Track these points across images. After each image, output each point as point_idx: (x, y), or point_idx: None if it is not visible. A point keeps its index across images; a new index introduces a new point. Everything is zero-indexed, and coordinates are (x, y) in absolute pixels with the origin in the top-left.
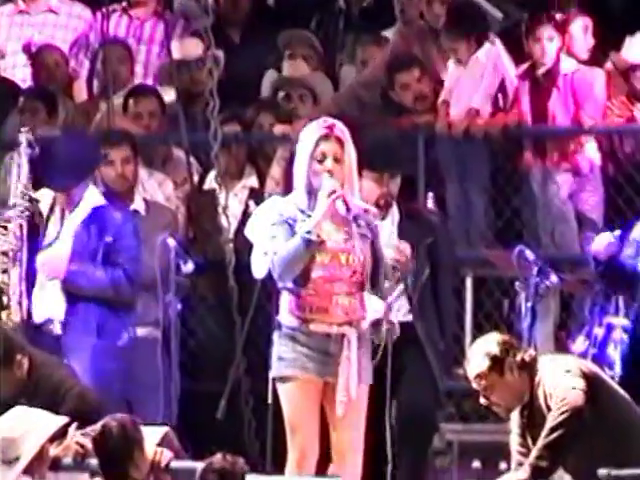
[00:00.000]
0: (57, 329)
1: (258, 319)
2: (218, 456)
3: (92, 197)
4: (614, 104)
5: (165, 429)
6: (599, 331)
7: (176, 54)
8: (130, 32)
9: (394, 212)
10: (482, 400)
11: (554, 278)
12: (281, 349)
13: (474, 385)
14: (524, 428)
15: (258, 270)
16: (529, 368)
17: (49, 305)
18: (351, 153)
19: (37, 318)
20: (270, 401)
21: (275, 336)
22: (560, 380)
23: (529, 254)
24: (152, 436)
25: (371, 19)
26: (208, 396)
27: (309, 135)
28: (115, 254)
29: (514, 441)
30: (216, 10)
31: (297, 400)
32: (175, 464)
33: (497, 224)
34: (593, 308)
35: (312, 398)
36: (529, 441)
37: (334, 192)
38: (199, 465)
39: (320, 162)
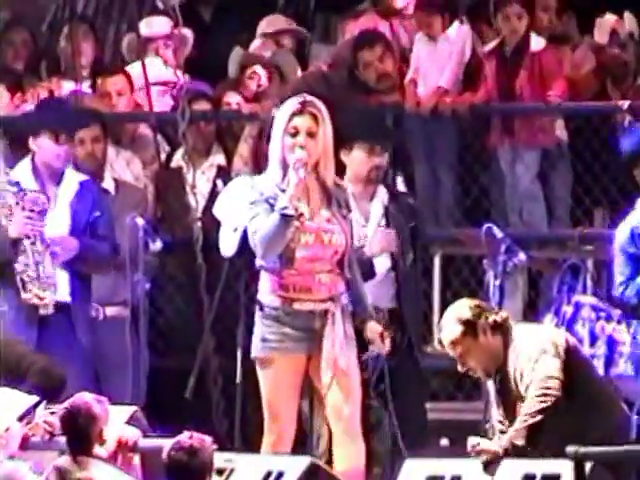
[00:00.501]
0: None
1: (227, 297)
2: (186, 434)
3: (72, 173)
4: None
5: (133, 408)
6: (567, 309)
7: (144, 31)
8: (99, 10)
9: (382, 193)
10: (460, 367)
11: (522, 256)
12: (264, 330)
13: (450, 352)
14: (498, 396)
15: (226, 248)
16: (502, 329)
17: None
18: (327, 129)
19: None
20: (239, 380)
21: (257, 317)
22: (538, 364)
23: (497, 232)
24: (120, 415)
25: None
26: (177, 375)
27: (284, 111)
28: (102, 228)
29: (494, 413)
30: None
31: (278, 382)
32: (143, 442)
33: (465, 202)
34: (561, 286)
35: (293, 381)
36: (501, 408)
37: (299, 162)
38: (167, 443)
39: (293, 136)
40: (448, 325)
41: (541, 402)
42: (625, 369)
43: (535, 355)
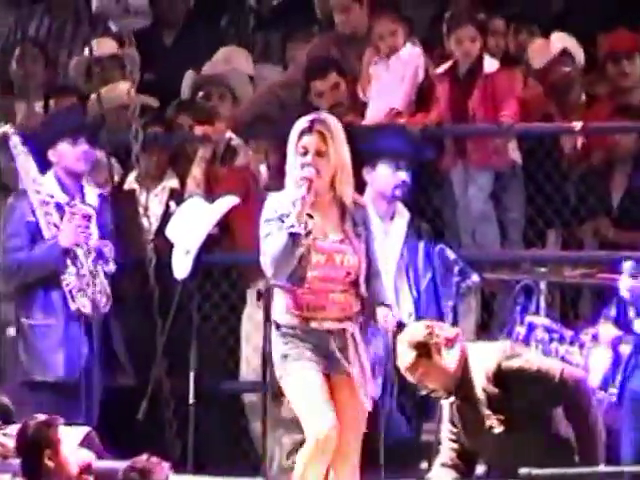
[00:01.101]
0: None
1: (179, 319)
2: (141, 457)
3: (90, 187)
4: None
5: (86, 429)
6: (520, 330)
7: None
8: (52, 33)
9: (404, 211)
10: (422, 390)
11: (475, 278)
12: (283, 348)
13: (409, 378)
14: (455, 414)
15: (179, 270)
16: (454, 344)
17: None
18: (338, 147)
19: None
20: (192, 401)
21: (274, 336)
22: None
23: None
24: (73, 436)
25: (281, 18)
26: (130, 396)
27: (294, 130)
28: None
29: (445, 429)
30: (145, 12)
31: (309, 387)
32: (97, 464)
33: None
34: (514, 308)
35: (323, 384)
36: (459, 426)
37: (304, 179)
38: (121, 465)
39: (303, 156)
40: (402, 351)
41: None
42: None
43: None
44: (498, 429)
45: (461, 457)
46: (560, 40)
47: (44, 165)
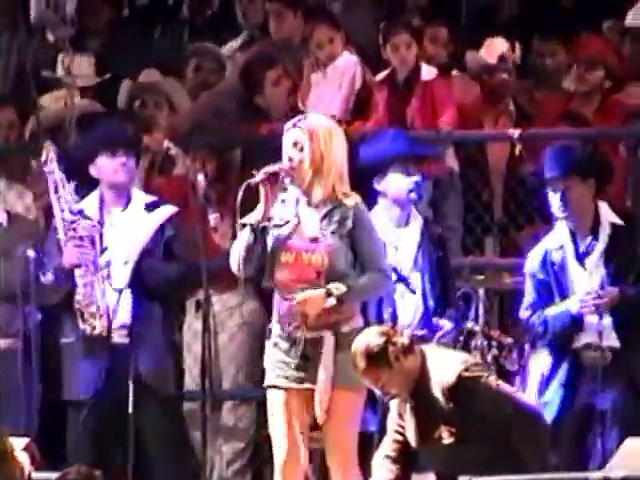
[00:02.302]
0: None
1: None
2: (74, 467)
3: (139, 194)
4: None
5: (26, 440)
6: (459, 338)
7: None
8: None
9: (418, 218)
10: (384, 397)
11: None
12: (267, 359)
13: (369, 385)
14: (408, 412)
15: (118, 280)
16: (412, 348)
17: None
18: (317, 145)
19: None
20: (131, 411)
21: (265, 345)
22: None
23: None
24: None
25: (214, 29)
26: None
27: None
28: (176, 247)
29: (392, 421)
30: (75, 20)
31: (276, 410)
32: (34, 475)
33: None
34: (453, 315)
35: (291, 408)
36: (411, 422)
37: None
38: (54, 476)
39: (285, 149)
40: (360, 361)
41: None
42: None
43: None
44: (447, 440)
45: (404, 451)
46: (498, 45)
47: (86, 182)
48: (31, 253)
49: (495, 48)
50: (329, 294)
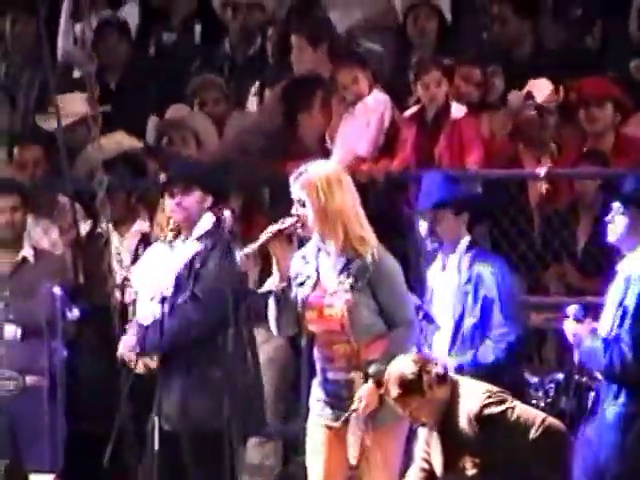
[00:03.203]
0: None
1: None
2: None
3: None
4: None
5: (51, 476)
6: None
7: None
8: (9, 78)
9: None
10: (412, 423)
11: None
12: (311, 398)
13: (399, 411)
14: (435, 440)
15: (143, 317)
16: (446, 378)
17: None
18: (315, 199)
19: None
20: (157, 448)
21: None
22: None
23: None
24: None
25: (255, 67)
26: (94, 442)
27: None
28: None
29: (419, 448)
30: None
31: (312, 447)
32: None
33: None
34: None
35: (329, 446)
36: (437, 451)
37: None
38: None
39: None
40: (393, 387)
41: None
42: None
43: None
44: (471, 471)
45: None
46: (536, 87)
47: None
48: (57, 290)
49: (540, 89)
50: (373, 379)
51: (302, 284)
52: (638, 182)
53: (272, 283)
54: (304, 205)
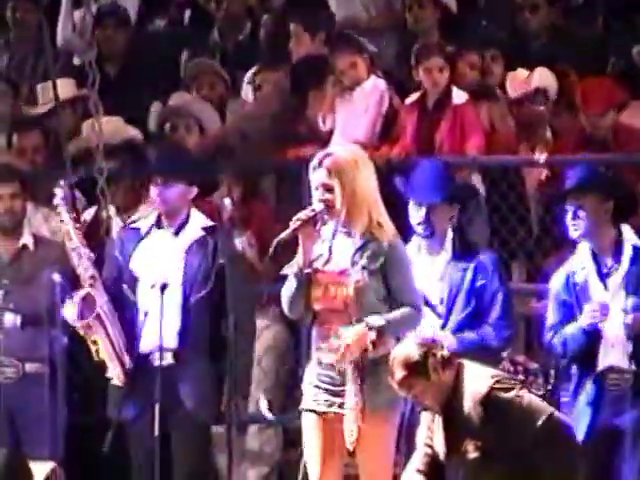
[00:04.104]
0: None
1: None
2: None
3: (198, 217)
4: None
5: (52, 465)
6: None
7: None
8: (12, 66)
9: (449, 244)
10: (417, 407)
11: None
12: (304, 383)
13: (403, 394)
14: (438, 424)
15: (144, 304)
16: (452, 362)
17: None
18: (345, 181)
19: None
20: (157, 434)
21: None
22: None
23: None
24: (39, 472)
25: (245, 54)
26: (95, 430)
27: (310, 165)
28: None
29: (422, 433)
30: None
31: (308, 433)
32: None
33: None
34: None
35: (325, 432)
36: (440, 435)
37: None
38: None
39: (316, 191)
40: (398, 369)
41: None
42: None
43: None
44: (473, 454)
45: (433, 465)
46: (539, 76)
47: None
48: (57, 277)
49: (534, 78)
50: (369, 328)
51: (314, 260)
52: (584, 170)
53: (295, 265)
54: (330, 190)
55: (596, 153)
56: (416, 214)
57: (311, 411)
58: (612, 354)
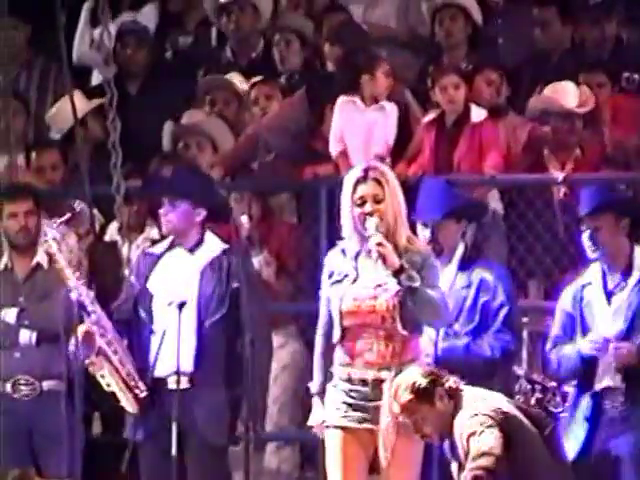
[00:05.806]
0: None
1: None
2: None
3: (213, 240)
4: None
5: None
6: None
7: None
8: (32, 83)
9: (456, 260)
10: (416, 434)
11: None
12: (327, 398)
13: (403, 419)
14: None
15: (159, 322)
16: (456, 393)
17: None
18: (393, 192)
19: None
20: (174, 453)
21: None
22: (474, 438)
23: None
24: None
25: (258, 71)
26: (112, 448)
27: (348, 180)
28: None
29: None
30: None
31: (333, 450)
32: None
33: None
34: None
35: (349, 449)
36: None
37: (380, 244)
38: None
39: (361, 206)
40: (403, 393)
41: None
42: None
43: (473, 428)
44: None
45: None
46: (561, 91)
47: None
48: (74, 295)
49: (566, 93)
50: (403, 268)
51: (339, 281)
52: (598, 192)
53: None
54: (379, 201)
55: (615, 171)
56: (422, 233)
57: (340, 428)
58: (609, 375)
